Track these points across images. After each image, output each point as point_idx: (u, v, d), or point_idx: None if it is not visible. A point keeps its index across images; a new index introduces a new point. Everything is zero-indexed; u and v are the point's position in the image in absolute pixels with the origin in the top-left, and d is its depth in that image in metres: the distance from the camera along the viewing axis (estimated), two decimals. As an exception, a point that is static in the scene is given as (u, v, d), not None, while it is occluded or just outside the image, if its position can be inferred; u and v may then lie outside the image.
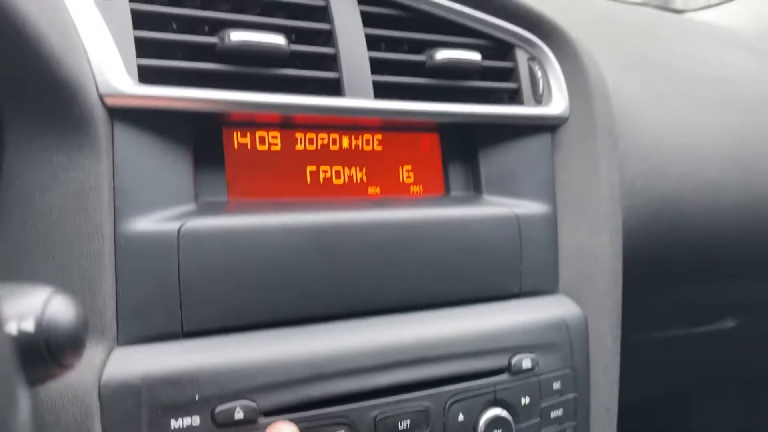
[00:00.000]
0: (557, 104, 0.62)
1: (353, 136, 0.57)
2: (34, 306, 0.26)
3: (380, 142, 0.58)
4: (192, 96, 0.46)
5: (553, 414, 0.56)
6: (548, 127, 0.62)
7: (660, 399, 1.53)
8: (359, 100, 0.53)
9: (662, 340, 0.98)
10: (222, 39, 0.48)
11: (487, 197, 0.60)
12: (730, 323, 1.01)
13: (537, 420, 0.55)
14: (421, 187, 0.60)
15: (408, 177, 0.60)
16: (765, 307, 0.97)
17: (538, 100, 0.62)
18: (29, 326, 0.25)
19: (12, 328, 0.25)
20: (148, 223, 0.45)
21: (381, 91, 0.54)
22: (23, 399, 0.21)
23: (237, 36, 0.48)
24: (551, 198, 0.62)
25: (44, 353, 0.26)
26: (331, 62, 0.53)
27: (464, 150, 0.62)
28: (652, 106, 0.75)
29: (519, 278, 0.59)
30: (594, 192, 0.61)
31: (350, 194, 0.56)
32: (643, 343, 0.95)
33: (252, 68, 0.49)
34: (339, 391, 0.47)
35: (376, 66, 0.55)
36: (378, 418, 0.48)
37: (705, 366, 1.18)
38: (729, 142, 0.77)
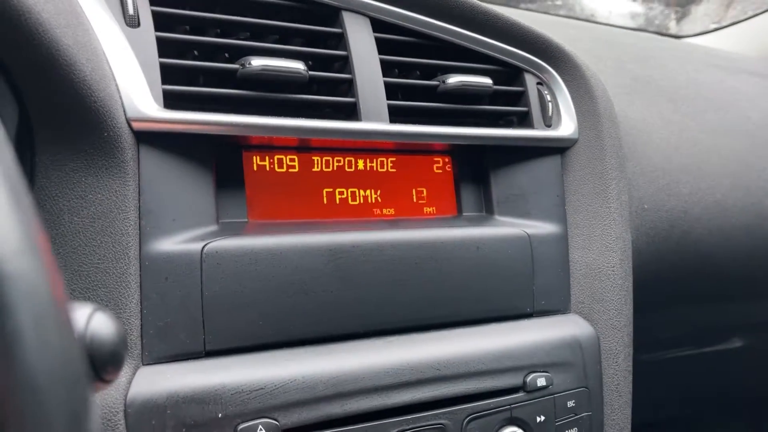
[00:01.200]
0: (566, 127, 0.64)
1: (368, 159, 0.58)
2: (79, 321, 0.27)
3: (394, 165, 0.60)
4: (214, 120, 0.47)
5: (568, 432, 0.56)
6: (558, 149, 0.64)
7: (668, 421, 1.52)
8: (375, 123, 0.54)
9: (671, 360, 0.98)
10: (243, 65, 0.50)
11: (498, 218, 0.62)
12: (737, 343, 1.01)
13: (552, 438, 0.55)
14: (434, 208, 0.61)
15: (421, 198, 0.61)
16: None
17: (548, 123, 0.63)
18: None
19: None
20: (171, 244, 0.46)
21: (395, 114, 0.56)
22: (94, 404, 0.22)
23: (258, 62, 0.49)
24: (562, 218, 0.63)
25: (88, 368, 0.27)
26: (348, 87, 0.55)
27: (476, 172, 0.63)
28: (658, 128, 0.76)
29: (532, 297, 0.60)
30: (604, 212, 0.62)
31: (365, 215, 0.57)
32: (652, 362, 0.95)
33: (272, 93, 0.51)
34: (359, 409, 0.48)
35: (391, 91, 0.56)
36: (397, 437, 0.48)
37: (713, 387, 1.18)
38: (734, 164, 0.78)
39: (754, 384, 1.20)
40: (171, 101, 0.47)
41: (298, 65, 0.51)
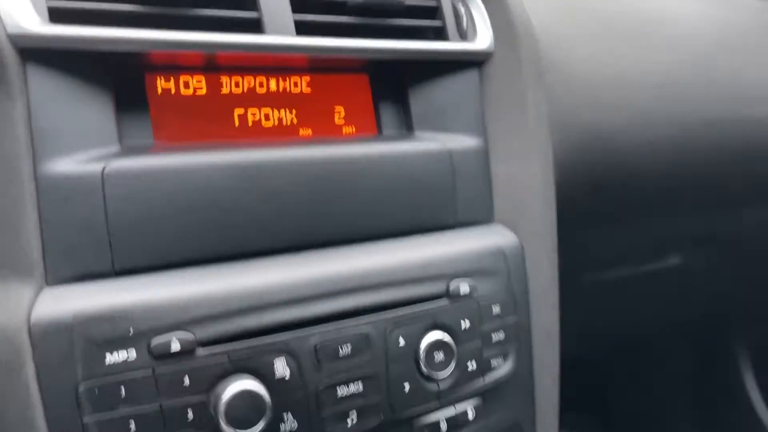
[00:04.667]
0: (482, 40, 0.63)
1: (281, 79, 0.57)
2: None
3: (309, 84, 0.59)
4: (103, 35, 0.46)
5: (495, 337, 0.57)
6: (475, 62, 0.63)
7: (617, 349, 1.57)
8: (281, 37, 0.53)
9: (613, 282, 1.01)
10: (135, -21, 0.48)
11: (419, 134, 0.62)
12: (674, 260, 1.04)
13: (479, 342, 0.56)
14: (354, 127, 0.61)
15: (340, 118, 0.60)
16: (707, 242, 1.01)
17: (463, 36, 0.63)
18: None
19: None
20: (69, 165, 0.44)
21: (304, 31, 0.55)
22: None
23: (150, -25, 0.48)
24: (482, 131, 0.63)
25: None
26: (252, 2, 0.54)
27: (394, 89, 0.62)
28: (580, 42, 0.77)
29: (455, 209, 0.60)
30: (522, 124, 0.63)
31: (281, 136, 0.57)
32: (592, 284, 0.98)
33: (169, 8, 0.49)
34: (277, 321, 0.48)
35: (298, 7, 0.55)
36: (318, 345, 0.48)
37: (656, 309, 1.22)
38: (659, 76, 0.80)
39: (695, 304, 1.25)
40: (60, 18, 0.46)
41: (194, -22, 0.49)
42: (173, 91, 0.52)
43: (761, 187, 0.87)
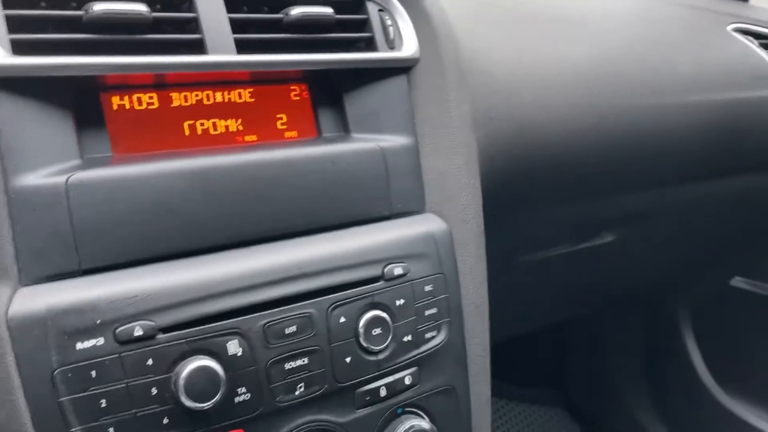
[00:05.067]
0: (408, 48, 0.70)
1: (225, 91, 0.64)
2: None
3: (252, 95, 0.66)
4: (61, 63, 0.52)
5: (428, 312, 0.65)
6: (402, 68, 0.71)
7: (570, 324, 1.67)
8: (222, 56, 0.60)
9: (554, 258, 1.10)
10: (86, 11, 0.54)
11: (355, 135, 0.69)
12: (608, 237, 1.14)
13: (413, 317, 0.64)
14: (296, 132, 0.68)
15: (282, 124, 0.67)
16: (635, 219, 1.10)
17: (391, 45, 0.70)
18: None
19: None
20: (36, 178, 0.51)
21: (245, 48, 0.61)
22: None
23: (99, 6, 0.54)
24: (412, 130, 0.70)
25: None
26: (194, 26, 0.60)
27: (331, 96, 0.69)
28: (501, 44, 0.85)
29: (389, 202, 0.67)
30: (446, 121, 0.70)
31: (228, 143, 0.63)
32: (533, 263, 1.06)
33: (117, 35, 0.56)
34: (229, 307, 0.55)
35: (239, 27, 0.62)
36: (266, 326, 0.56)
37: (599, 284, 1.31)
38: (573, 70, 0.88)
39: (634, 276, 1.35)
40: (21, 49, 0.51)
41: (139, 7, 0.55)
42: (128, 106, 0.59)
43: (675, 167, 0.96)
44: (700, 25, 1.10)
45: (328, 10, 0.66)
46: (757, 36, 1.10)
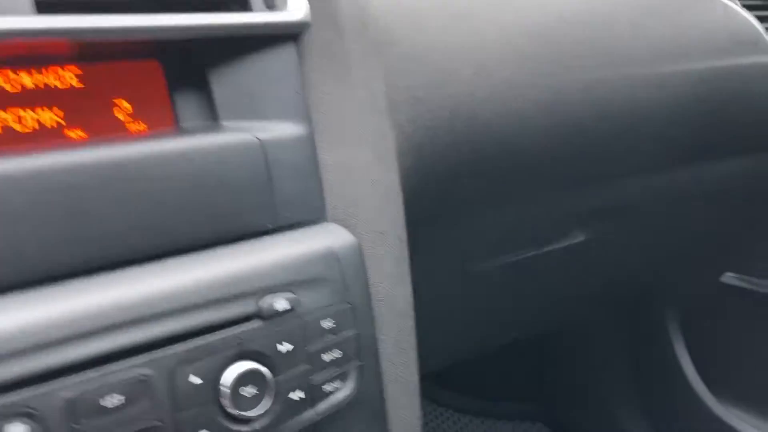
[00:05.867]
0: (295, 9, 0.54)
1: (37, 73, 0.47)
2: None
3: (81, 78, 0.49)
4: None
5: (327, 357, 0.49)
6: (288, 36, 0.54)
7: (554, 336, 1.52)
8: (13, 18, 0.43)
9: (512, 266, 0.94)
10: None
11: (225, 124, 0.52)
12: (580, 236, 0.98)
13: (306, 367, 0.47)
14: (144, 124, 0.51)
15: (124, 114, 0.50)
16: (609, 214, 0.94)
17: (270, 5, 0.54)
18: None
19: None
20: None
21: (52, 8, 0.44)
22: None
23: None
24: (304, 116, 0.54)
25: None
26: (-27, -21, 0.43)
27: (194, 75, 0.53)
28: (433, 12, 0.68)
29: (273, 211, 0.51)
30: (350, 103, 0.54)
31: (43, 142, 0.46)
32: (488, 272, 0.90)
33: None
34: (15, 375, 0.38)
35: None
36: (72, 399, 0.39)
37: (572, 286, 1.16)
38: (523, 38, 0.72)
39: (612, 279, 1.19)
40: None
41: None
42: None
43: (649, 150, 0.80)
44: (673, -15, 0.94)
45: (177, -41, 0.49)
46: (738, -4, 0.95)
